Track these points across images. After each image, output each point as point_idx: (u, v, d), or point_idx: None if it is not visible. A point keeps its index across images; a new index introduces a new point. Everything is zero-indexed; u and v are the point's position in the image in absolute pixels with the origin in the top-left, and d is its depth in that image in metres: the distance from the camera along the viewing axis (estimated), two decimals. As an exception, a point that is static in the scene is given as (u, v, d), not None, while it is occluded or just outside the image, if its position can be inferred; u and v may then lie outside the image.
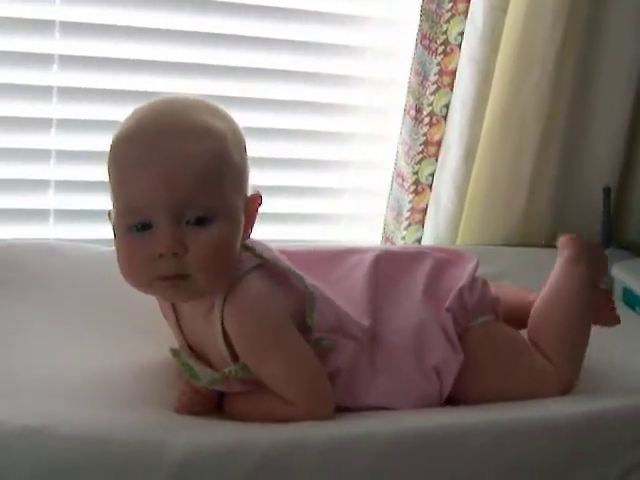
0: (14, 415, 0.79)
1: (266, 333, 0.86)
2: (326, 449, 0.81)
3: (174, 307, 0.92)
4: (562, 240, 1.09)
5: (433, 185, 1.45)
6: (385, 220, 1.52)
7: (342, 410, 0.89)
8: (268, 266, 0.89)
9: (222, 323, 0.85)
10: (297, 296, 0.89)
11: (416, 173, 1.45)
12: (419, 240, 1.48)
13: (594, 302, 1.04)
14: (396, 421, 0.87)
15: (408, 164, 1.45)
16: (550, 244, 1.47)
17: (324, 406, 0.87)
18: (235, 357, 0.87)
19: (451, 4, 1.35)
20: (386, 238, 1.52)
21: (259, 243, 0.92)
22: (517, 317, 1.04)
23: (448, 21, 1.37)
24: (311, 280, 0.92)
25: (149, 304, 0.95)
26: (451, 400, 0.93)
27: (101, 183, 0.91)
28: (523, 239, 1.49)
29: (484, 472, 0.87)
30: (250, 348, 0.86)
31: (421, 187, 1.46)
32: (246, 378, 0.86)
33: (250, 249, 0.89)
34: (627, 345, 1.15)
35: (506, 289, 1.09)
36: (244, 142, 0.88)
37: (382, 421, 0.87)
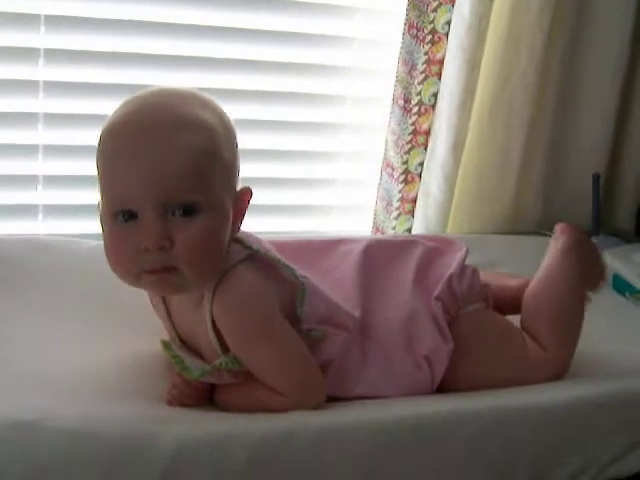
0: (6, 409, 0.79)
1: (255, 324, 0.86)
2: (319, 439, 0.82)
3: (164, 299, 0.92)
4: (558, 227, 1.08)
5: (422, 175, 1.45)
6: (375, 210, 1.52)
7: (334, 400, 0.89)
8: (258, 258, 0.89)
9: (212, 315, 0.85)
10: (288, 287, 0.89)
11: (405, 163, 1.45)
12: (409, 230, 1.49)
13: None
14: (388, 409, 0.87)
15: (397, 154, 1.45)
16: (540, 232, 1.48)
17: (315, 396, 0.87)
18: (225, 349, 0.87)
19: (438, -7, 1.36)
20: (376, 228, 1.52)
21: (249, 235, 0.91)
22: (499, 303, 1.04)
23: (435, 10, 1.37)
24: (302, 271, 0.92)
25: (140, 298, 0.95)
26: (442, 388, 0.93)
27: (90, 178, 0.90)
28: (513, 227, 1.49)
29: (477, 458, 0.87)
30: (239, 340, 0.86)
31: (411, 177, 1.46)
32: (237, 370, 0.86)
33: (240, 241, 0.89)
34: (617, 331, 1.16)
35: (487, 275, 1.09)
36: (234, 136, 0.88)
37: (374, 410, 0.87)
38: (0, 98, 1.32)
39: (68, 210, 1.40)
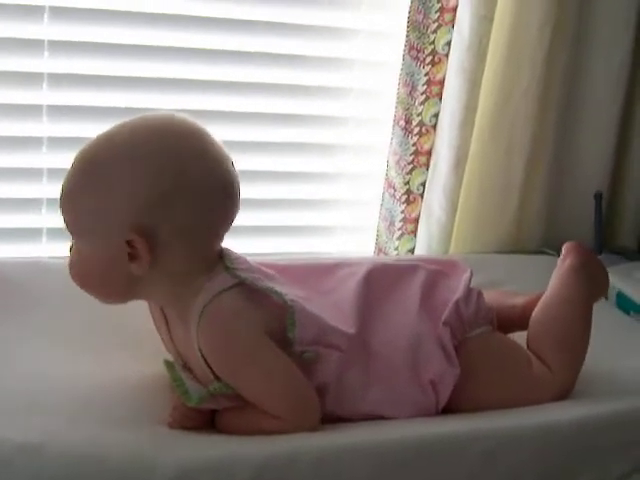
0: (11, 431, 0.79)
1: (237, 353, 0.86)
2: (320, 461, 0.81)
3: (165, 317, 0.92)
4: (566, 246, 1.08)
5: (424, 195, 1.46)
6: (378, 231, 1.52)
7: (335, 420, 0.89)
8: (246, 285, 0.89)
9: (198, 343, 0.86)
10: (279, 310, 0.89)
11: (407, 183, 1.45)
12: (412, 250, 1.49)
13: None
14: (391, 431, 0.87)
15: (399, 174, 1.46)
16: (543, 250, 1.48)
17: (309, 417, 0.87)
18: (217, 374, 0.87)
19: (438, 14, 1.37)
20: (379, 249, 1.53)
21: (240, 261, 0.91)
22: (506, 321, 1.04)
23: (435, 31, 1.38)
24: (294, 293, 0.91)
25: (141, 321, 0.96)
26: (447, 409, 0.93)
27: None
28: (515, 247, 1.49)
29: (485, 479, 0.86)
30: (224, 367, 0.86)
31: (413, 197, 1.46)
32: (231, 394, 0.87)
33: (228, 269, 0.89)
34: (621, 349, 1.15)
35: (493, 293, 1.09)
36: (142, 169, 0.84)
37: (377, 431, 0.87)
38: (6, 124, 1.33)
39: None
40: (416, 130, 1.42)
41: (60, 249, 1.37)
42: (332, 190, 1.55)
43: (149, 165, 0.84)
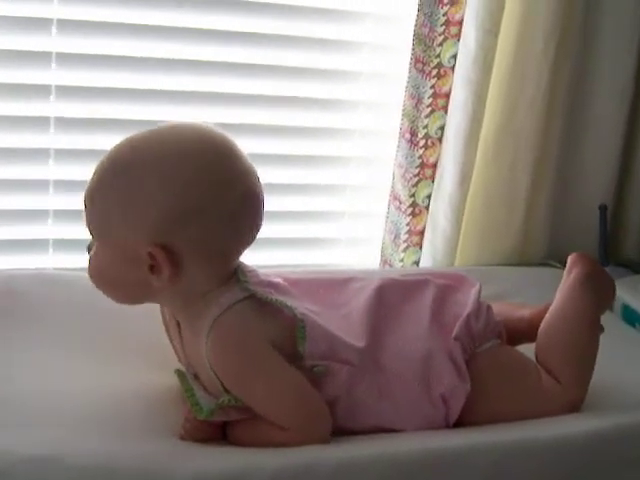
0: (21, 444, 0.79)
1: (246, 367, 0.86)
2: (335, 473, 0.81)
3: (179, 326, 0.93)
4: (572, 258, 1.07)
5: (430, 207, 1.46)
6: (383, 243, 1.53)
7: (345, 433, 0.89)
8: (257, 297, 0.89)
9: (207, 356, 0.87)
10: (289, 324, 0.89)
11: (413, 195, 1.46)
12: (417, 262, 1.49)
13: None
14: (404, 443, 0.87)
15: (405, 187, 1.46)
16: (548, 263, 1.48)
17: (320, 429, 0.87)
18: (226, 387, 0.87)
19: (443, 27, 1.37)
20: (384, 261, 1.53)
21: (252, 275, 0.91)
22: (514, 333, 1.04)
23: (441, 44, 1.38)
24: (305, 307, 0.92)
25: (148, 331, 0.96)
26: (456, 424, 0.93)
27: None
28: (521, 259, 1.49)
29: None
30: (233, 382, 0.86)
31: (418, 209, 1.46)
32: (241, 406, 0.87)
33: (240, 282, 0.89)
34: (627, 362, 1.15)
35: (500, 305, 1.09)
36: (161, 177, 0.84)
37: (390, 443, 0.87)
38: (13, 134, 1.33)
39: (79, 244, 1.40)
40: (422, 143, 1.43)
41: (66, 260, 1.39)
42: (338, 202, 1.55)
43: (179, 180, 0.84)
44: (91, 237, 0.89)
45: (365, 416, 0.90)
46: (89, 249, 0.90)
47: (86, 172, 1.33)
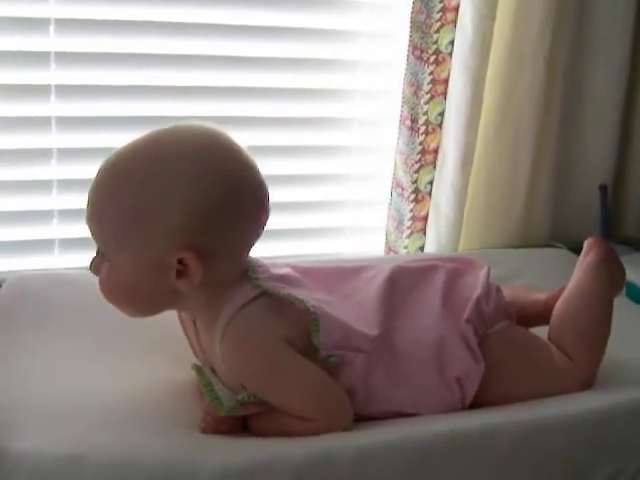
0: (46, 443, 0.80)
1: (261, 367, 0.87)
2: (359, 459, 0.82)
3: (195, 324, 0.93)
4: (588, 242, 1.09)
5: (432, 193, 1.47)
6: (387, 230, 1.53)
7: (363, 419, 0.90)
8: (268, 294, 0.90)
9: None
10: (302, 317, 0.90)
11: (415, 182, 1.47)
12: (422, 248, 1.50)
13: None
14: (425, 426, 0.88)
15: (407, 173, 1.47)
16: (551, 244, 1.50)
17: (343, 418, 0.88)
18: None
19: (440, 14, 1.38)
20: (389, 248, 1.54)
21: (262, 269, 0.92)
22: (529, 316, 1.06)
23: (438, 31, 1.39)
24: (317, 297, 0.92)
25: (164, 326, 0.96)
26: (472, 405, 0.94)
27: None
28: (524, 241, 1.50)
29: (514, 470, 0.88)
30: (248, 379, 0.87)
31: (421, 195, 1.47)
32: (260, 401, 0.87)
33: (251, 279, 0.89)
34: (632, 339, 1.16)
35: (515, 288, 1.10)
36: (161, 186, 0.83)
37: (411, 427, 0.88)
38: (15, 135, 1.34)
39: (84, 243, 1.41)
40: (422, 129, 1.43)
41: (73, 260, 1.39)
42: (340, 191, 1.56)
43: (201, 183, 0.83)
44: (97, 254, 0.88)
45: (382, 402, 0.91)
46: (95, 268, 0.87)
47: (89, 170, 1.35)
